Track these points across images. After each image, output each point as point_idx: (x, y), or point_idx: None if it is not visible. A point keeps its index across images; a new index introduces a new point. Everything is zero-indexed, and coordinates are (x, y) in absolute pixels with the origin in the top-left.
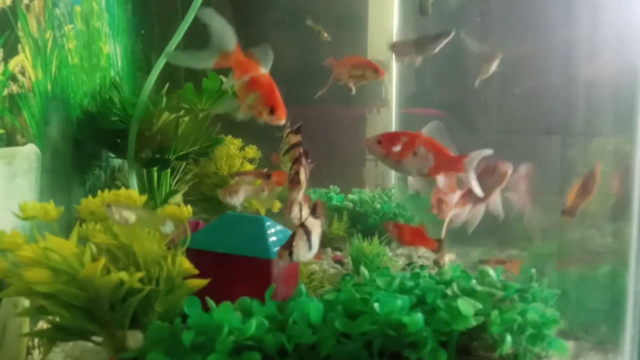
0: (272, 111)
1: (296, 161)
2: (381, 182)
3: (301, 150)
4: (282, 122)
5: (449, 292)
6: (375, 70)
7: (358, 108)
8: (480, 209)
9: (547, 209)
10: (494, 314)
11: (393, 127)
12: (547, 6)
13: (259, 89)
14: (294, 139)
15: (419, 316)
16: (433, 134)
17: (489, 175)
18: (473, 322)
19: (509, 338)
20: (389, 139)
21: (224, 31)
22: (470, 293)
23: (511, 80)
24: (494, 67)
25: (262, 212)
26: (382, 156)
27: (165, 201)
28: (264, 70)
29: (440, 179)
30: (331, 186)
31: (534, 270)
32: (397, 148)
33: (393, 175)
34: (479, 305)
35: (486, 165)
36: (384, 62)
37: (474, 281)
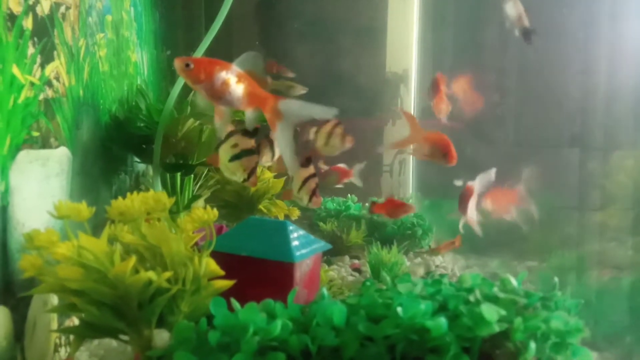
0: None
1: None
2: (397, 192)
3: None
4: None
5: (471, 298)
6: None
7: (375, 119)
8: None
9: (566, 222)
10: (517, 320)
11: None
12: (567, 17)
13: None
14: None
15: (442, 321)
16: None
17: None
18: (496, 328)
19: (532, 345)
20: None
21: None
22: (493, 300)
23: (529, 93)
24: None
25: (281, 217)
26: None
27: (188, 206)
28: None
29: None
30: (349, 195)
31: (556, 279)
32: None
33: (410, 185)
34: (503, 312)
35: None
36: (401, 75)
37: (495, 288)
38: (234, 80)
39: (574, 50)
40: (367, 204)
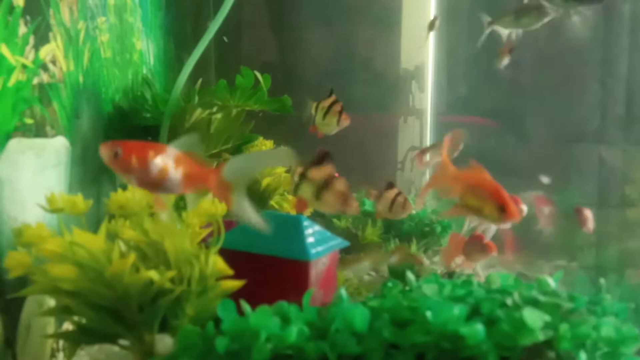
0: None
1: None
2: (410, 189)
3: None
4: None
5: (508, 302)
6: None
7: (390, 115)
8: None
9: (595, 219)
10: (564, 327)
11: (427, 135)
12: (588, 12)
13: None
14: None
15: (479, 327)
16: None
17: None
18: (541, 336)
19: (583, 355)
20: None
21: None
22: (533, 303)
23: (554, 88)
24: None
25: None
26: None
27: None
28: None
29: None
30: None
31: (603, 281)
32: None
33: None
34: (547, 317)
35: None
36: (414, 71)
37: (534, 291)
38: (172, 165)
39: (596, 43)
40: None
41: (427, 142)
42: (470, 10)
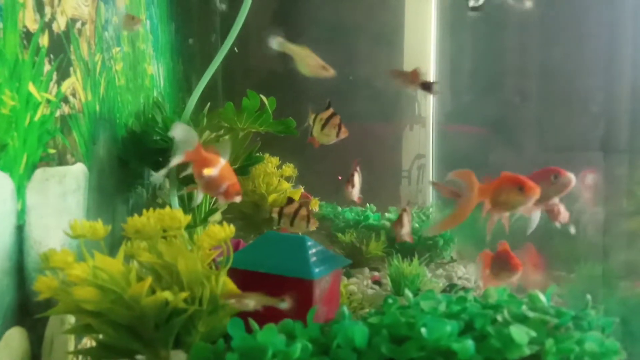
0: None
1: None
2: (419, 201)
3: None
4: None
5: (499, 318)
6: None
7: (393, 125)
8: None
9: (595, 229)
10: (549, 342)
11: (430, 144)
12: (591, 16)
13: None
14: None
15: (469, 343)
16: None
17: (548, 184)
18: (527, 351)
19: None
20: None
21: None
22: (522, 319)
23: (554, 96)
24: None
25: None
26: None
27: (205, 220)
28: (223, 161)
29: None
30: (367, 204)
31: (589, 296)
32: None
33: (431, 194)
34: (533, 333)
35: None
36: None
37: (524, 307)
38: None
39: (598, 51)
40: (386, 214)
41: (431, 150)
42: (472, 19)
